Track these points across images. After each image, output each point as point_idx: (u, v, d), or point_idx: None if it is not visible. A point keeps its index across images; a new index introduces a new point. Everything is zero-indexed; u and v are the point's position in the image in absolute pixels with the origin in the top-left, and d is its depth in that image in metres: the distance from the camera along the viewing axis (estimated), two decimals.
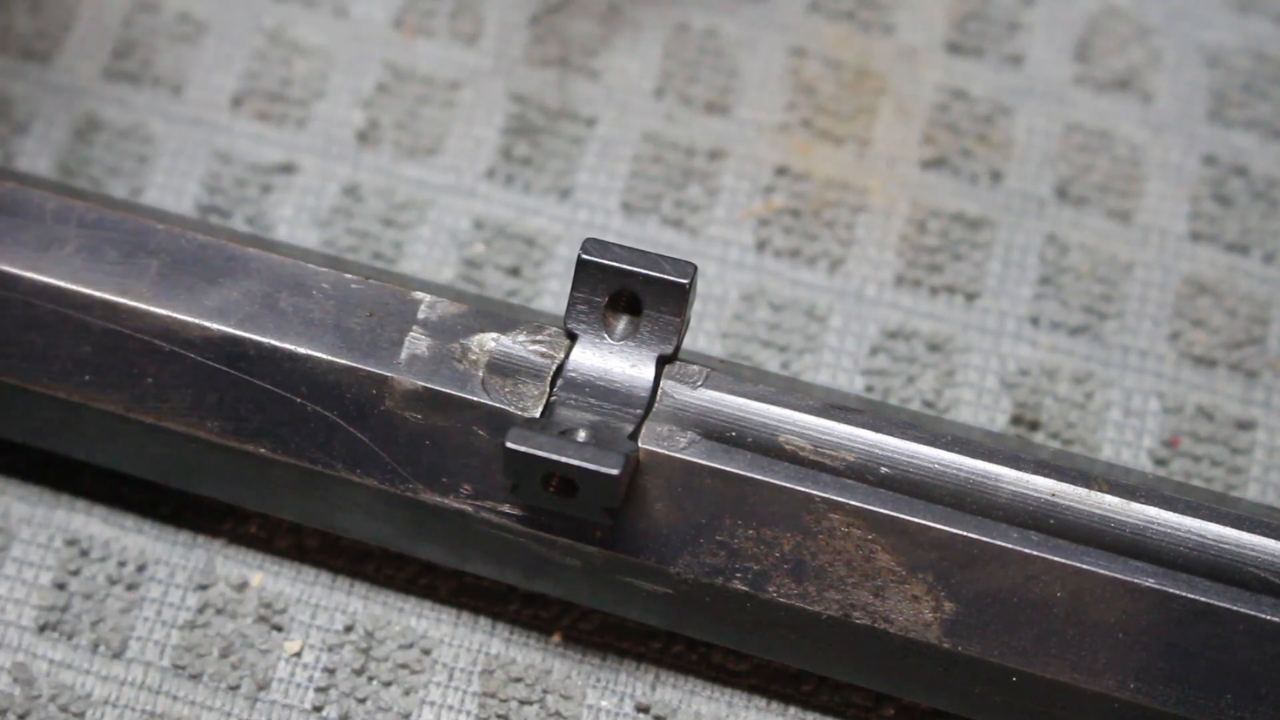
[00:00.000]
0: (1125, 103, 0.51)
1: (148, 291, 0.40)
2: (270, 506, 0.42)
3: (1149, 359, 0.47)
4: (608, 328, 0.39)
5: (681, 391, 0.39)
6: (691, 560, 0.38)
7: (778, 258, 0.48)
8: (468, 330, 0.39)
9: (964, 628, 0.38)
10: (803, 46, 0.51)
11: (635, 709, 0.42)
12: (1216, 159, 0.50)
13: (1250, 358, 0.47)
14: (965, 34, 0.52)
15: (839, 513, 0.38)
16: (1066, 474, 0.38)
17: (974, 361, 0.47)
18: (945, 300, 0.48)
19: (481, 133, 0.50)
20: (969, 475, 0.38)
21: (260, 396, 0.39)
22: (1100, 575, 0.37)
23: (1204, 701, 0.37)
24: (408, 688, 0.42)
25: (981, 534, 0.37)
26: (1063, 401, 0.46)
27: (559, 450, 0.36)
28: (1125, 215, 0.49)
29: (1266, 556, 0.37)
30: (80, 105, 0.50)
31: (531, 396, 0.38)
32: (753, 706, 0.42)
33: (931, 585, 0.38)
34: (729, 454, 0.38)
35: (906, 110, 0.51)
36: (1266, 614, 0.37)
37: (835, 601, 0.38)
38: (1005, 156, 0.50)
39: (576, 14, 0.52)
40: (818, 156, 0.50)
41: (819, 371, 0.47)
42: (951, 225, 0.49)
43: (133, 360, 0.40)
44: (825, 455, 0.38)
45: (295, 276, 0.40)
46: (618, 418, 0.38)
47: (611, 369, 0.38)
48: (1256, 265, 0.49)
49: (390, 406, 0.39)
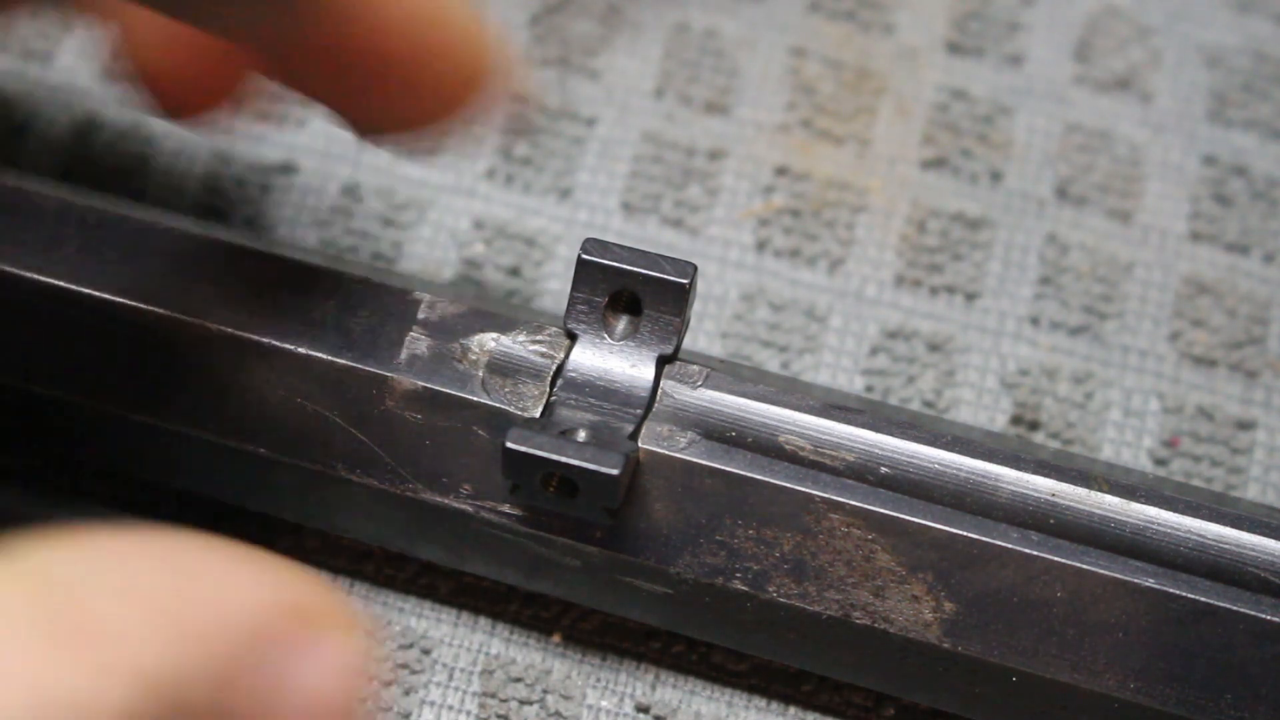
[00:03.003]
0: (1125, 103, 0.51)
1: (148, 291, 0.40)
2: (270, 507, 0.42)
3: (1149, 359, 0.47)
4: (608, 328, 0.39)
5: (681, 391, 0.39)
6: (691, 560, 0.38)
7: (778, 258, 0.48)
8: (468, 330, 0.39)
9: (964, 628, 0.38)
10: (803, 46, 0.51)
11: (635, 709, 0.42)
12: (1216, 159, 0.50)
13: (1250, 358, 0.47)
14: (965, 34, 0.52)
15: (839, 513, 0.38)
16: (1066, 474, 0.38)
17: (974, 361, 0.47)
18: (945, 300, 0.48)
19: (481, 133, 0.50)
20: (969, 475, 0.38)
21: (259, 396, 0.39)
22: (1100, 575, 0.37)
23: (1204, 701, 0.37)
24: (408, 687, 0.42)
25: (981, 534, 0.37)
26: (1063, 401, 0.46)
27: (559, 450, 0.36)
28: (1125, 215, 0.49)
29: (1266, 556, 0.37)
30: (80, 105, 0.50)
31: (531, 396, 0.38)
32: (753, 706, 0.42)
33: (931, 585, 0.38)
34: (729, 454, 0.38)
35: (906, 110, 0.51)
36: (1266, 614, 0.37)
37: (835, 601, 0.38)
38: (1005, 156, 0.50)
39: (576, 14, 0.52)
40: (818, 156, 0.50)
41: (819, 371, 0.47)
42: (951, 225, 0.49)
43: (132, 361, 0.40)
44: (825, 455, 0.38)
45: (295, 276, 0.40)
46: (618, 418, 0.38)
47: (611, 369, 0.38)
48: (1256, 265, 0.49)
49: (390, 406, 0.39)
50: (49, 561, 0.26)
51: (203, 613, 0.27)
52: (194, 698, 0.26)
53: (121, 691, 0.25)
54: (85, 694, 0.24)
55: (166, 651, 0.26)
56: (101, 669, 0.25)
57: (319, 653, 0.29)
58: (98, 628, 0.25)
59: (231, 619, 0.27)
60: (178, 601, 0.27)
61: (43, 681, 0.24)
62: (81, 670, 0.25)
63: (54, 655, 0.24)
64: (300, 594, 0.29)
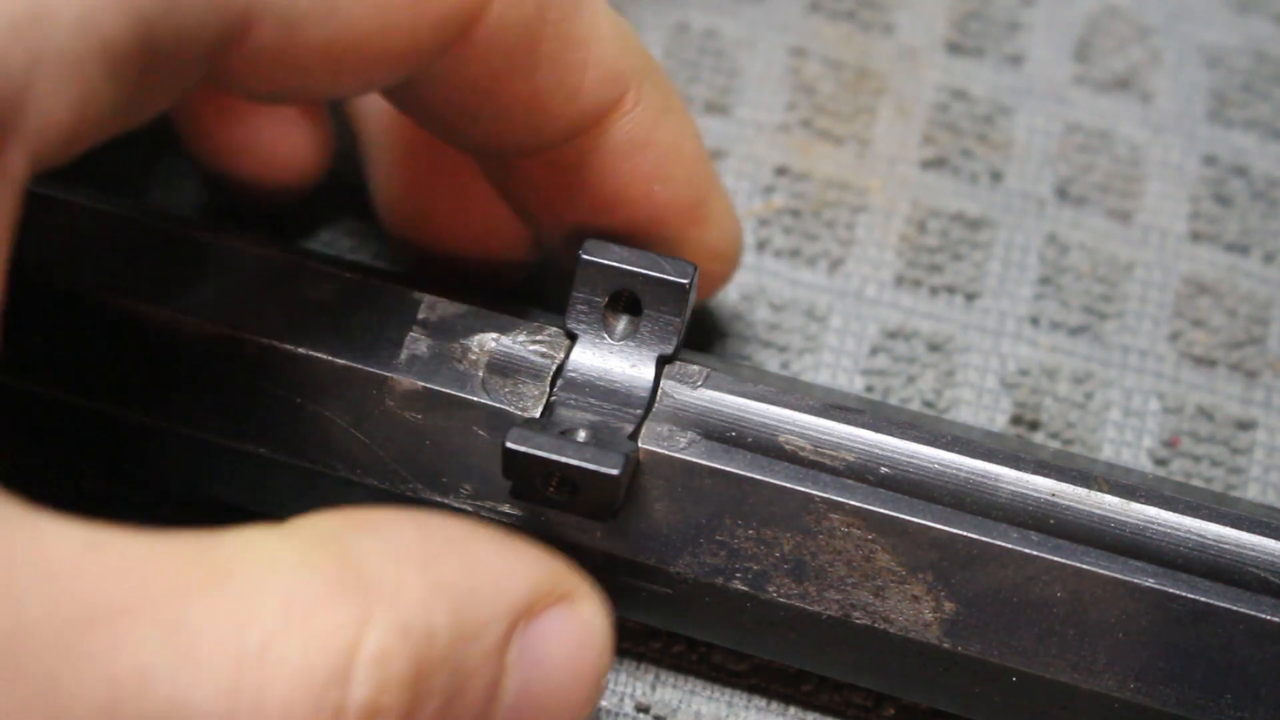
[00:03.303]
0: (1125, 103, 0.51)
1: (148, 291, 0.40)
2: (270, 507, 0.42)
3: (1149, 359, 0.47)
4: (608, 328, 0.39)
5: (681, 391, 0.39)
6: (691, 560, 0.38)
7: (778, 258, 0.48)
8: (468, 330, 0.39)
9: (964, 628, 0.38)
10: (803, 46, 0.51)
11: (635, 709, 0.42)
12: (1216, 159, 0.50)
13: (1250, 358, 0.47)
14: (965, 34, 0.52)
15: (839, 513, 0.38)
16: (1066, 474, 0.38)
17: (974, 361, 0.47)
18: (945, 300, 0.48)
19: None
20: (969, 475, 0.38)
21: (260, 396, 0.39)
22: (1100, 575, 0.37)
23: (1204, 701, 0.37)
24: None
25: (981, 534, 0.37)
26: (1063, 401, 0.46)
27: (559, 450, 0.36)
28: (1125, 215, 0.49)
29: (1266, 556, 0.37)
30: None
31: (531, 396, 0.38)
32: (753, 706, 0.42)
33: (931, 585, 0.38)
34: (729, 454, 0.38)
35: (906, 110, 0.51)
36: (1266, 614, 0.37)
37: (835, 601, 0.38)
38: (1005, 156, 0.50)
39: None
40: (818, 156, 0.50)
41: (819, 371, 0.47)
42: (951, 225, 0.49)
43: (132, 361, 0.40)
44: (825, 455, 0.38)
45: (295, 276, 0.40)
46: (618, 418, 0.38)
47: (612, 369, 0.38)
48: (1256, 265, 0.49)
49: (390, 406, 0.39)
50: (338, 530, 0.31)
51: (467, 581, 0.32)
52: (447, 653, 0.31)
53: (379, 637, 0.29)
54: (349, 636, 0.29)
55: (425, 608, 0.30)
56: (367, 619, 0.29)
57: (567, 626, 0.34)
58: (370, 583, 0.30)
59: (493, 590, 0.32)
60: (444, 570, 0.31)
61: (323, 626, 0.29)
62: (353, 617, 0.29)
63: (333, 605, 0.29)
64: (555, 572, 0.34)
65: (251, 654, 0.28)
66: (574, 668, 0.34)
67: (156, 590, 0.28)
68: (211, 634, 0.28)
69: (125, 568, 0.28)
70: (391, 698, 0.29)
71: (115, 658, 0.27)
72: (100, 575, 0.28)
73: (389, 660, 0.29)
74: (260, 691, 0.28)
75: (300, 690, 0.28)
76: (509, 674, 0.32)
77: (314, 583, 0.29)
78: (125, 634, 0.27)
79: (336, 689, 0.29)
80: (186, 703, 0.27)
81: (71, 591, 0.27)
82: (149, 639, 0.27)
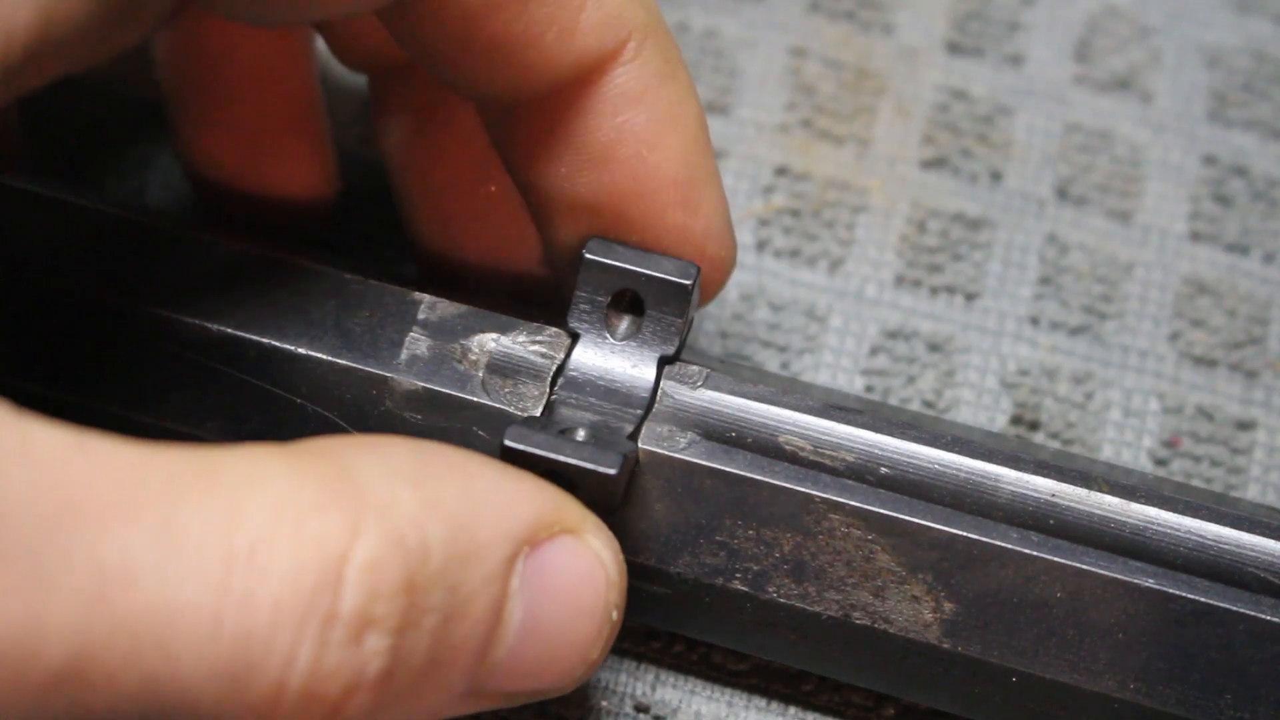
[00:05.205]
0: (1125, 103, 0.51)
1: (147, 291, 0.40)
2: None
3: (1149, 359, 0.47)
4: (610, 327, 0.39)
5: (681, 392, 0.39)
6: (691, 560, 0.38)
7: (778, 258, 0.48)
8: (468, 330, 0.39)
9: (964, 628, 0.38)
10: (803, 46, 0.51)
11: (635, 709, 0.42)
12: (1216, 159, 0.50)
13: (1250, 358, 0.47)
14: (965, 34, 0.52)
15: (839, 513, 0.38)
16: (1066, 474, 0.38)
17: (974, 361, 0.47)
18: (945, 300, 0.48)
19: None
20: (969, 475, 0.38)
21: (260, 397, 0.39)
22: (1100, 575, 0.37)
23: (1204, 701, 0.37)
24: None
25: (981, 534, 0.37)
26: (1063, 401, 0.46)
27: (557, 449, 0.36)
28: (1125, 215, 0.49)
29: (1266, 556, 0.37)
30: (81, 106, 0.50)
31: (532, 397, 0.38)
32: (753, 706, 0.42)
33: (931, 585, 0.38)
34: (729, 454, 0.38)
35: (906, 110, 0.51)
36: (1266, 614, 0.37)
37: (835, 601, 0.38)
38: (1005, 156, 0.50)
39: None
40: (818, 156, 0.50)
41: (819, 371, 0.47)
42: (951, 225, 0.49)
43: (132, 361, 0.40)
44: (825, 455, 0.38)
45: (295, 276, 0.40)
46: (618, 418, 0.38)
47: (613, 369, 0.38)
48: (1256, 265, 0.49)
49: (390, 407, 0.39)
50: (337, 449, 0.31)
51: (465, 503, 0.31)
52: (444, 570, 0.30)
53: (370, 546, 0.29)
54: (340, 543, 0.29)
55: (419, 523, 0.30)
56: (358, 528, 0.29)
57: (574, 556, 0.33)
58: (362, 494, 0.30)
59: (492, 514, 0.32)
60: (441, 489, 0.31)
61: (314, 531, 0.29)
62: (344, 525, 0.29)
63: (325, 512, 0.29)
64: (559, 503, 0.33)
65: (240, 554, 0.28)
66: (582, 600, 0.33)
67: (145, 491, 0.28)
68: (200, 533, 0.28)
69: (114, 468, 0.28)
70: (384, 608, 0.29)
71: (102, 550, 0.27)
72: (88, 473, 0.27)
73: (380, 569, 0.29)
74: (249, 590, 0.28)
75: (290, 591, 0.28)
76: (512, 601, 0.32)
77: (306, 490, 0.29)
78: (112, 529, 0.27)
79: (327, 594, 0.28)
80: (175, 598, 0.27)
81: (57, 485, 0.27)
82: (136, 535, 0.27)
